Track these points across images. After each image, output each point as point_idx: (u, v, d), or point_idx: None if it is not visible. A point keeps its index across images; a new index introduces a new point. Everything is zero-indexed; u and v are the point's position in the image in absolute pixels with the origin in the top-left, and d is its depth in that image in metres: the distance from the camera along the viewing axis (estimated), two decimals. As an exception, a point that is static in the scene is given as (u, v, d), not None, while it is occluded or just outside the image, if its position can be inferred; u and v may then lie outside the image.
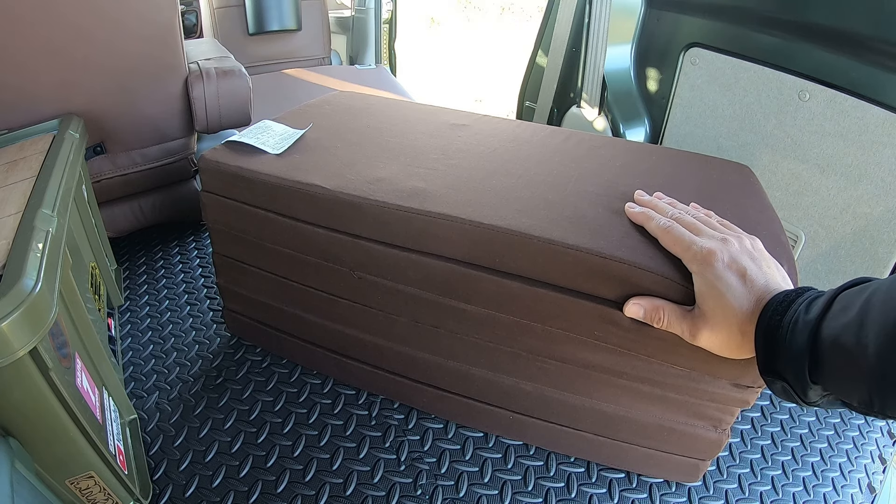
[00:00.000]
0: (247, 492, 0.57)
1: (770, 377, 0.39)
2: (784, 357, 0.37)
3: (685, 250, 0.45)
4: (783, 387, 0.39)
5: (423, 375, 0.64)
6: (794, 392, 0.38)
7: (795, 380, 0.37)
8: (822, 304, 0.36)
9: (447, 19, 5.30)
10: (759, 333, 0.39)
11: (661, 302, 0.45)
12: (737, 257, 0.43)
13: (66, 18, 0.71)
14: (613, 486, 0.60)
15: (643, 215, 0.50)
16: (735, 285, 0.42)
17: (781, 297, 0.39)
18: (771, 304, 0.39)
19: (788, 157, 0.94)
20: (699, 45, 1.04)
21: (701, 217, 0.50)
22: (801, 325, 0.36)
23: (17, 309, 0.35)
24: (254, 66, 1.80)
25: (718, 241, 0.44)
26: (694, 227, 0.47)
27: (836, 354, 0.34)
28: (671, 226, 0.47)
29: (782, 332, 0.38)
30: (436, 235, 0.52)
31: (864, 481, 0.65)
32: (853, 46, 0.83)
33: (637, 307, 0.46)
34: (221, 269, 0.70)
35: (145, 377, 0.70)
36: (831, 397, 0.37)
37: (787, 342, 0.37)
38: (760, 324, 0.39)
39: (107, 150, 0.85)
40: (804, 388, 0.37)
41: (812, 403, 0.38)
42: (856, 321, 0.33)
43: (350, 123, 0.71)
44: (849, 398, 0.35)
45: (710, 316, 0.42)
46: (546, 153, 0.65)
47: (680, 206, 0.52)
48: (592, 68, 1.22)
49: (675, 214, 0.49)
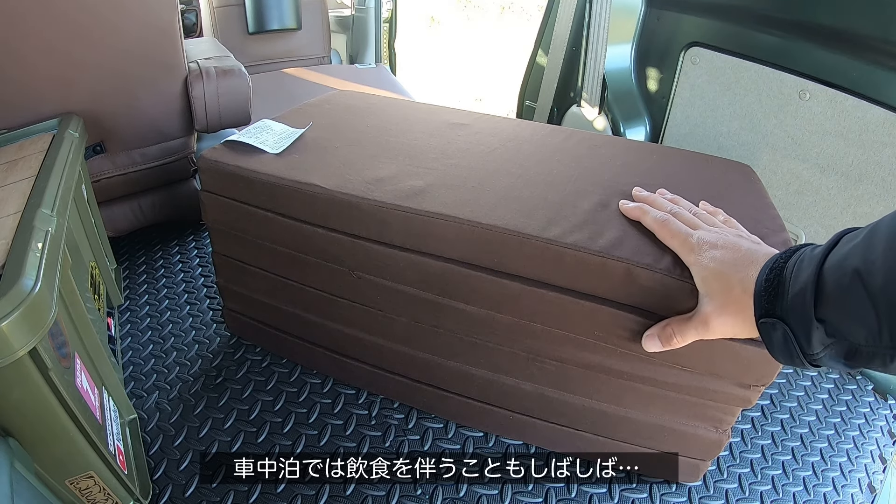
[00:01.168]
0: (247, 492, 0.56)
1: (770, 321, 0.37)
2: (788, 293, 0.36)
3: (681, 243, 0.45)
4: (784, 333, 0.36)
5: (423, 375, 0.63)
6: (796, 339, 0.36)
7: (798, 318, 0.35)
8: (829, 242, 0.36)
9: (447, 18, 5.30)
10: (759, 280, 0.38)
11: (666, 321, 0.45)
12: (730, 239, 0.43)
13: (65, 18, 0.71)
14: (613, 486, 0.60)
15: (639, 210, 0.50)
16: (728, 258, 0.41)
17: (784, 251, 0.39)
18: (774, 256, 0.39)
19: (789, 157, 0.94)
20: (699, 45, 1.03)
21: (703, 214, 0.49)
22: (806, 261, 0.36)
23: (16, 309, 0.35)
24: (254, 66, 1.79)
25: (714, 233, 0.45)
26: (691, 222, 0.47)
27: (841, 278, 0.33)
28: (667, 219, 0.47)
29: (787, 273, 0.36)
30: (435, 235, 0.52)
31: (865, 481, 0.65)
32: (853, 46, 0.83)
33: (652, 339, 0.46)
34: (221, 269, 0.70)
35: (145, 377, 0.70)
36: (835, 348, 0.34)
37: (791, 280, 0.36)
38: (763, 271, 0.38)
39: (106, 150, 0.85)
40: (808, 329, 0.35)
41: (813, 357, 0.36)
42: (862, 244, 0.32)
43: (350, 123, 0.71)
44: (855, 332, 0.32)
45: (714, 297, 0.41)
46: (546, 152, 0.65)
47: (683, 202, 0.52)
48: (592, 68, 1.22)
49: (672, 209, 0.49)
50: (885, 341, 0.31)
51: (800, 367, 0.37)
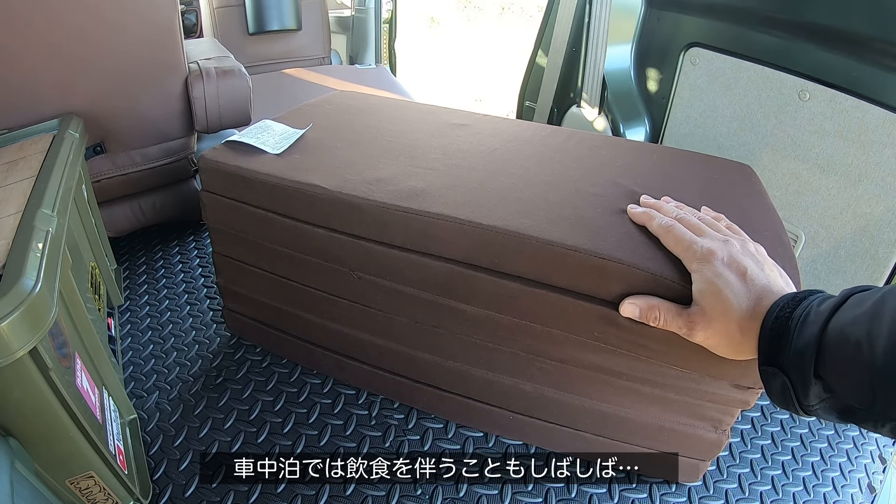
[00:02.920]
0: (247, 492, 0.57)
1: (771, 370, 0.38)
2: (791, 348, 0.37)
3: (685, 249, 0.45)
4: (783, 383, 0.37)
5: (423, 375, 0.64)
6: (794, 390, 0.37)
7: (798, 373, 0.36)
8: (836, 300, 0.36)
9: (447, 19, 5.30)
10: (765, 326, 0.39)
11: (657, 300, 0.45)
12: (737, 257, 0.43)
13: (65, 18, 0.71)
14: (613, 486, 0.60)
15: (645, 215, 0.50)
16: (734, 283, 0.41)
17: (792, 295, 0.39)
18: (781, 301, 0.39)
19: (788, 157, 0.94)
20: (699, 45, 1.04)
21: (707, 220, 0.49)
22: (812, 318, 0.36)
23: (16, 309, 0.35)
24: (254, 66, 1.80)
25: (720, 241, 0.44)
26: (697, 228, 0.47)
27: (843, 344, 0.33)
28: (673, 225, 0.47)
29: (792, 324, 0.37)
30: (435, 236, 0.52)
31: (865, 481, 0.65)
32: (853, 46, 0.83)
33: (632, 306, 0.46)
34: (221, 269, 0.70)
35: (145, 377, 0.70)
36: (829, 402, 0.36)
37: (795, 333, 0.36)
38: (768, 316, 0.39)
39: (107, 150, 0.85)
40: (805, 384, 0.36)
41: (808, 408, 0.37)
42: (868, 313, 0.32)
43: (350, 123, 0.71)
44: (850, 396, 0.34)
45: (707, 312, 0.42)
46: (546, 153, 0.65)
47: (687, 208, 0.52)
48: (592, 68, 1.22)
49: (679, 215, 0.49)
50: (877, 410, 0.32)
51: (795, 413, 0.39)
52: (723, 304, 0.41)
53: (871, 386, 0.32)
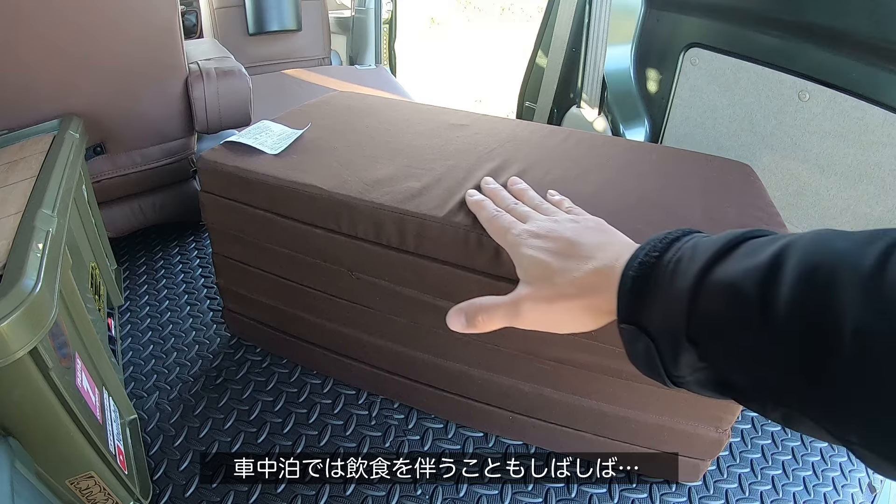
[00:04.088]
0: (247, 492, 0.57)
1: (631, 330, 0.30)
2: (657, 303, 0.29)
3: (504, 239, 0.42)
4: (646, 347, 0.29)
5: (423, 375, 0.64)
6: (660, 356, 0.29)
7: (665, 335, 0.28)
8: (717, 244, 0.27)
9: (447, 19, 5.31)
10: (626, 274, 0.31)
11: (478, 299, 0.39)
12: (560, 230, 0.39)
13: (66, 19, 0.71)
14: (613, 486, 0.60)
15: (478, 204, 0.48)
16: (556, 249, 0.37)
17: (661, 236, 0.31)
18: (648, 244, 0.31)
19: (788, 158, 0.94)
20: (699, 46, 1.03)
21: (544, 206, 0.46)
22: (684, 265, 0.28)
23: (17, 309, 0.35)
24: (254, 67, 1.80)
25: (545, 221, 0.41)
26: (523, 216, 0.44)
27: (728, 302, 0.25)
28: (495, 216, 0.45)
29: (659, 272, 0.29)
30: (431, 238, 0.52)
31: (865, 481, 0.64)
32: (853, 46, 0.83)
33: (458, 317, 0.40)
34: (221, 269, 0.70)
35: (145, 377, 0.70)
36: (704, 374, 0.27)
37: (664, 283, 0.28)
38: (631, 263, 0.31)
39: (107, 151, 0.85)
40: (675, 350, 0.28)
41: (678, 379, 0.29)
42: (765, 266, 0.24)
43: (349, 124, 0.71)
44: (731, 369, 0.26)
45: (531, 284, 0.37)
46: (545, 153, 0.65)
47: (530, 195, 0.48)
48: (592, 68, 1.22)
49: (509, 205, 0.46)
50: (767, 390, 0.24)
51: (664, 384, 0.30)
52: (543, 267, 0.36)
53: (761, 360, 0.24)
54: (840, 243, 0.23)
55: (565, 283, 0.35)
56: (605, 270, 0.33)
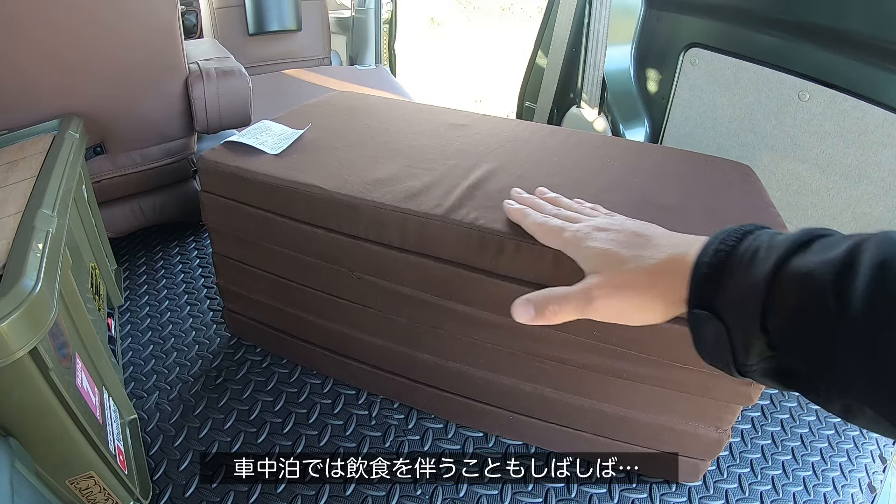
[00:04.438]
0: (247, 492, 0.57)
1: (704, 315, 0.31)
2: (732, 289, 0.29)
3: (557, 237, 0.42)
4: (717, 333, 0.30)
5: (423, 375, 0.64)
6: (731, 343, 0.30)
7: (739, 321, 0.29)
8: (793, 238, 0.28)
9: (447, 19, 5.31)
10: (700, 262, 0.31)
11: (547, 290, 0.38)
12: (621, 224, 0.40)
13: (66, 20, 0.71)
14: (613, 486, 0.60)
15: (519, 212, 0.48)
16: (625, 241, 0.37)
17: (734, 228, 0.32)
18: (721, 234, 0.32)
19: (788, 158, 0.94)
20: (699, 46, 1.04)
21: (585, 209, 0.47)
22: (762, 255, 0.29)
23: (17, 309, 0.35)
24: (254, 67, 1.80)
25: (599, 218, 0.42)
26: (570, 219, 0.44)
27: (804, 293, 0.26)
28: (545, 220, 0.45)
29: (735, 260, 0.30)
30: (433, 237, 0.52)
31: (865, 481, 0.65)
32: (853, 46, 0.83)
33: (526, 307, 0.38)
34: (221, 269, 0.70)
35: (145, 377, 0.70)
36: (772, 363, 0.28)
37: (740, 271, 0.29)
38: (705, 251, 0.32)
39: (107, 151, 0.85)
40: (747, 336, 0.28)
41: (745, 368, 0.30)
42: (840, 260, 0.25)
43: (349, 124, 0.71)
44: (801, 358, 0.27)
45: (602, 272, 0.37)
46: (545, 153, 0.65)
47: (563, 200, 0.49)
48: (592, 68, 1.22)
49: (552, 211, 0.47)
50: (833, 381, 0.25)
51: (725, 372, 0.31)
52: (612, 256, 0.36)
53: (833, 350, 0.25)
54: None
55: (637, 269, 0.35)
56: (679, 258, 0.33)
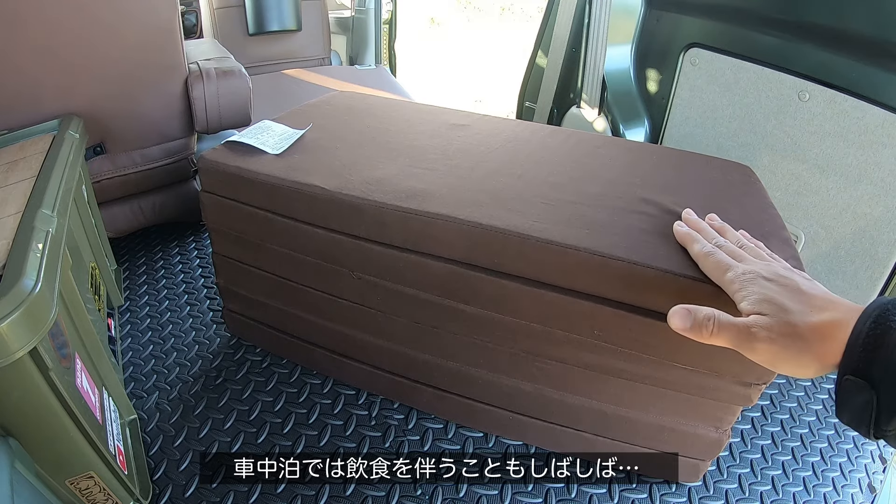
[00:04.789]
0: (247, 492, 0.57)
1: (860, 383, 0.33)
2: (889, 361, 0.32)
3: (724, 274, 0.43)
4: (867, 401, 0.33)
5: (423, 375, 0.64)
6: (877, 410, 0.32)
7: (890, 392, 0.32)
8: None
9: (447, 19, 5.31)
10: (858, 332, 0.34)
11: (710, 309, 0.40)
12: (783, 273, 0.41)
13: (66, 20, 0.71)
14: (613, 486, 0.60)
15: (689, 237, 0.48)
16: (787, 293, 0.38)
17: (891, 300, 0.34)
18: (877, 307, 0.34)
19: (788, 158, 0.94)
20: (699, 46, 1.04)
21: (749, 247, 0.47)
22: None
23: (16, 309, 0.35)
24: (254, 67, 1.80)
25: (762, 264, 0.42)
26: (737, 255, 0.45)
27: None
28: (713, 252, 0.45)
29: (893, 333, 0.32)
30: (434, 236, 0.52)
31: (865, 481, 0.65)
32: (853, 46, 0.83)
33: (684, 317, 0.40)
34: (221, 269, 0.70)
35: (145, 377, 0.70)
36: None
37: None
38: (862, 321, 0.34)
39: (107, 151, 0.85)
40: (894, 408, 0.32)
41: (883, 432, 0.33)
42: None
43: (350, 124, 0.71)
44: None
45: (769, 318, 0.38)
46: (546, 153, 0.65)
47: (730, 232, 0.50)
48: (592, 68, 1.22)
49: (719, 242, 0.47)
50: None
51: (862, 434, 0.34)
52: (783, 310, 0.37)
53: None
54: None
55: (803, 325, 0.36)
56: (840, 323, 0.35)
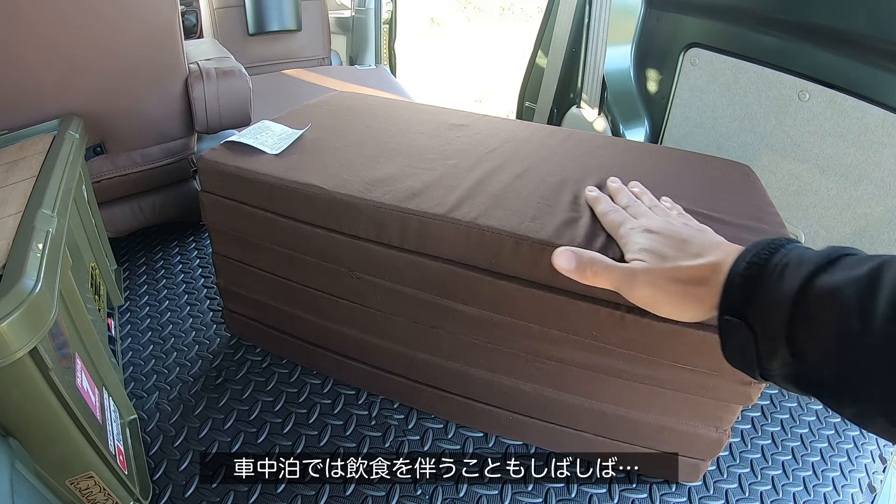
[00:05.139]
0: (247, 492, 0.57)
1: (735, 322, 0.33)
2: (763, 300, 0.32)
3: (617, 229, 0.46)
4: (746, 340, 0.33)
5: (423, 375, 0.64)
6: (756, 350, 0.32)
7: (767, 330, 0.31)
8: (821, 255, 0.31)
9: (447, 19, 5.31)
10: (734, 272, 0.34)
11: (596, 254, 0.43)
12: (670, 225, 0.43)
13: (66, 19, 0.71)
14: (613, 486, 0.60)
15: (595, 199, 0.52)
16: (670, 243, 0.41)
17: (766, 242, 0.34)
18: (754, 247, 0.34)
19: (788, 158, 0.94)
20: (699, 46, 1.03)
21: (658, 208, 0.50)
22: (791, 269, 0.31)
23: (17, 309, 0.35)
24: (254, 67, 1.80)
25: (657, 219, 0.45)
26: (638, 214, 0.48)
27: (829, 307, 0.28)
28: (612, 210, 0.49)
29: (767, 273, 0.32)
30: (433, 236, 0.52)
31: (865, 481, 0.65)
32: (853, 46, 0.83)
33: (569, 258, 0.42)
34: (221, 269, 0.70)
35: (145, 377, 0.70)
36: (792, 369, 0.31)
37: (771, 284, 0.32)
38: (739, 261, 0.34)
39: (107, 151, 0.85)
40: (773, 344, 0.31)
41: (767, 371, 0.32)
42: (865, 278, 0.28)
43: (349, 124, 0.71)
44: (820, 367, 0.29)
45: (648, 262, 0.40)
46: (545, 153, 0.65)
47: (647, 197, 0.52)
48: (592, 68, 1.22)
49: (628, 203, 0.51)
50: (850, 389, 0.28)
51: (748, 374, 0.34)
52: (661, 257, 0.40)
53: (852, 360, 0.27)
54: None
55: (678, 268, 0.38)
56: (716, 265, 0.36)
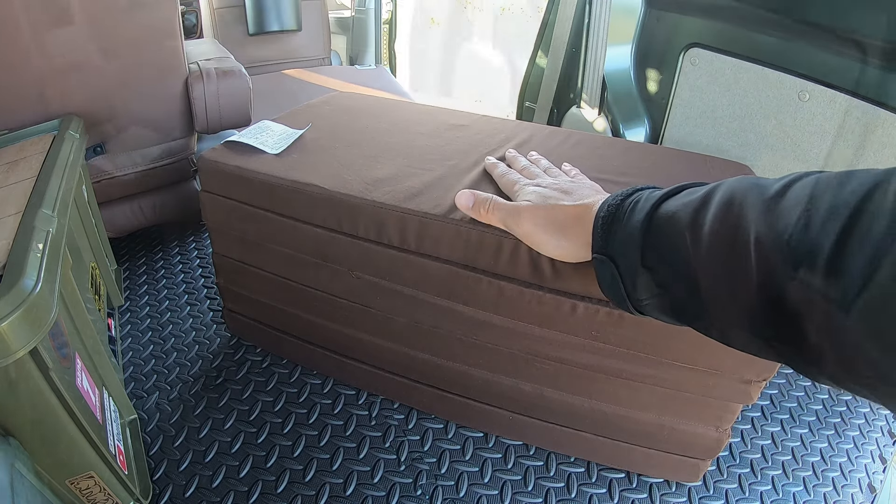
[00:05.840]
0: (247, 492, 0.57)
1: (601, 258, 0.37)
2: (619, 234, 0.36)
3: (511, 188, 0.50)
4: (612, 274, 0.36)
5: (423, 375, 0.64)
6: (622, 280, 0.36)
7: (625, 261, 0.35)
8: (667, 189, 0.35)
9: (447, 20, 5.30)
10: (598, 215, 0.38)
11: (490, 194, 0.48)
12: (560, 184, 0.47)
13: (66, 20, 0.71)
14: (613, 486, 0.60)
15: (493, 165, 0.56)
16: (555, 191, 0.45)
17: (630, 189, 0.39)
18: (618, 194, 0.39)
19: (788, 158, 0.94)
20: (699, 46, 1.03)
21: (553, 171, 0.54)
22: (641, 204, 0.35)
23: (17, 309, 0.35)
24: (254, 67, 1.80)
25: (546, 179, 0.49)
26: (532, 175, 0.52)
27: (668, 231, 0.32)
28: (507, 173, 0.53)
29: (622, 211, 0.36)
30: (432, 236, 0.52)
31: (865, 481, 0.65)
32: (853, 46, 0.83)
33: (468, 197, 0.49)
34: (221, 269, 0.70)
35: (145, 377, 0.70)
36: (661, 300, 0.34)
37: (624, 219, 0.36)
38: (602, 206, 0.39)
39: (107, 151, 0.85)
40: (633, 274, 0.35)
41: (639, 303, 0.36)
42: (696, 202, 0.31)
43: (349, 124, 0.71)
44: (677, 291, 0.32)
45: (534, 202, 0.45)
46: (545, 153, 0.65)
47: (543, 162, 0.57)
48: (592, 68, 1.22)
49: (522, 167, 0.55)
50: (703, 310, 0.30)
51: (629, 311, 0.38)
52: (544, 198, 0.45)
53: (695, 279, 0.30)
54: (756, 181, 0.29)
55: (556, 207, 0.43)
56: (588, 206, 0.41)
